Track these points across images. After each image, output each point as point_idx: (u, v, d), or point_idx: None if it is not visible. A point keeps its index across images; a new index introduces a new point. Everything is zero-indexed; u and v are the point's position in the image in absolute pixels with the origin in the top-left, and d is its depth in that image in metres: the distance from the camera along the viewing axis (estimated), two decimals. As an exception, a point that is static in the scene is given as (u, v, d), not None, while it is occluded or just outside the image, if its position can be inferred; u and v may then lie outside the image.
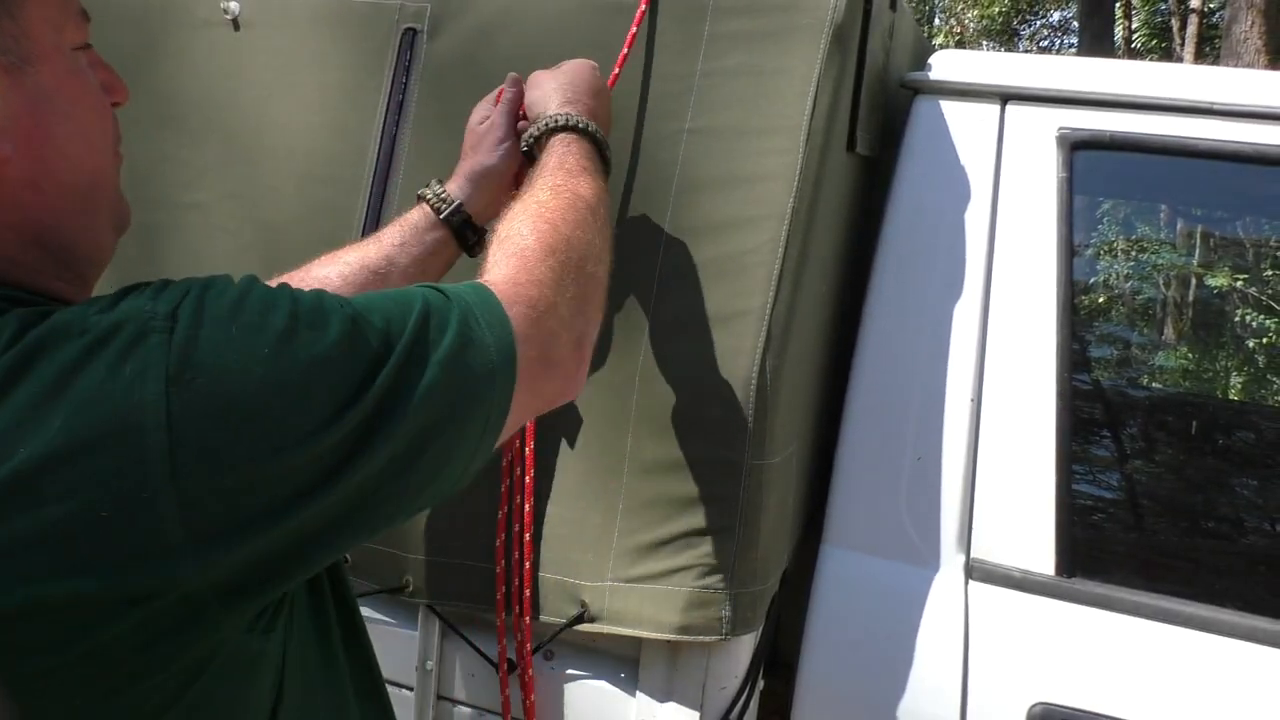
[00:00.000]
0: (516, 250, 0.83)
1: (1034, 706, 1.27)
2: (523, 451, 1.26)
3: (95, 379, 0.55)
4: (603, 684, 1.29)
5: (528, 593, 1.25)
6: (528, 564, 1.25)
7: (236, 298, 0.62)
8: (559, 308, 0.81)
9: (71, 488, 0.54)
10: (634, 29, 1.26)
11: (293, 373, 0.60)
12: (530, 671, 1.26)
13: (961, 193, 1.42)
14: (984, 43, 18.31)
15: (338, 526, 0.63)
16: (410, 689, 1.35)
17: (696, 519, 1.20)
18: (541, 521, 1.27)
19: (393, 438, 0.64)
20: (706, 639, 1.21)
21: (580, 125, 1.04)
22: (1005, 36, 18.41)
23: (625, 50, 1.26)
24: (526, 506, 1.25)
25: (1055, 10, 18.41)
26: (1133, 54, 15.48)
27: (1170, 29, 15.22)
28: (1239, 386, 4.27)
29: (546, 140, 1.04)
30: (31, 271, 0.66)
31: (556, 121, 1.04)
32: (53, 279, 0.67)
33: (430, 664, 1.34)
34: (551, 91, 1.08)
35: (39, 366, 0.56)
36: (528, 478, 1.25)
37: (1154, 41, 15.79)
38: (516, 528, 1.26)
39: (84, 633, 0.55)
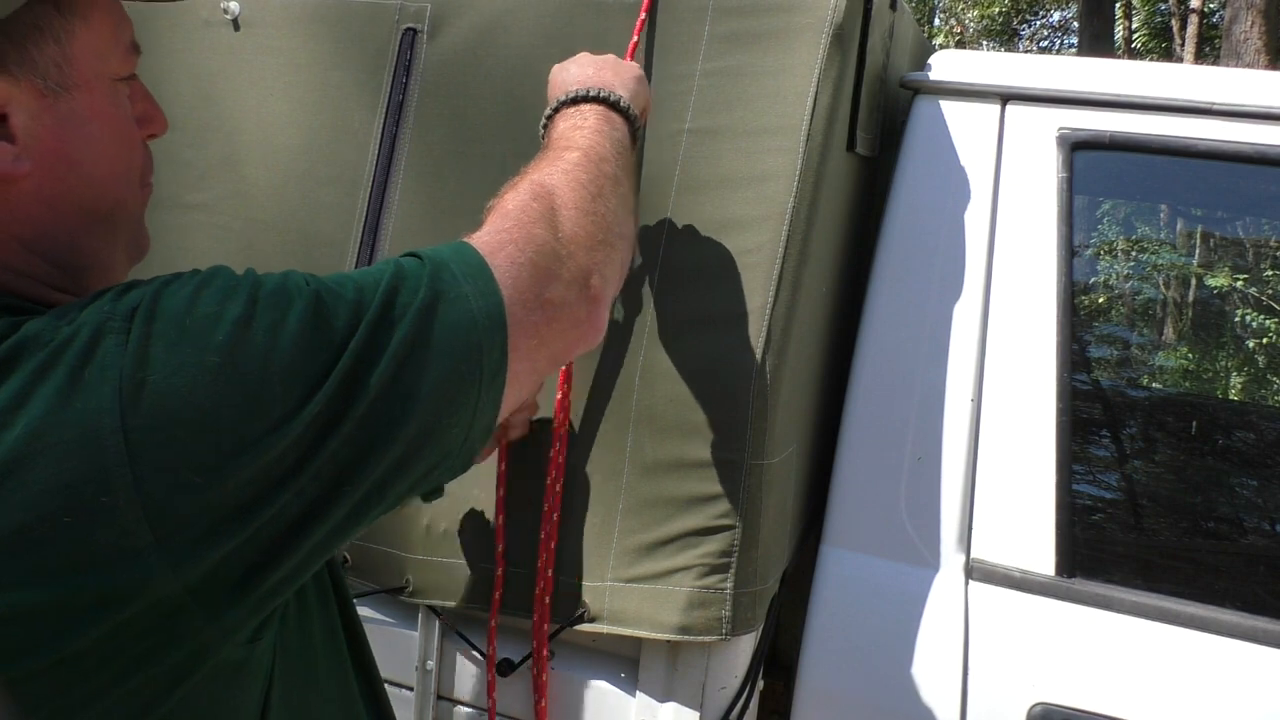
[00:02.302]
0: (498, 210, 0.80)
1: (1034, 707, 1.27)
2: (554, 458, 1.26)
3: (55, 385, 0.55)
4: (603, 684, 1.29)
5: (548, 599, 1.25)
6: (550, 570, 1.25)
7: (194, 290, 0.60)
8: (553, 247, 0.77)
9: (33, 495, 0.54)
10: (639, 28, 1.26)
11: (251, 361, 0.58)
12: (545, 674, 1.26)
13: (961, 193, 1.42)
14: (984, 43, 18.32)
15: (322, 511, 0.61)
16: (410, 689, 1.35)
17: (696, 519, 1.20)
18: (536, 522, 1.27)
19: (364, 409, 0.61)
20: (706, 639, 1.21)
21: (580, 95, 0.99)
22: (1005, 36, 18.41)
23: (635, 38, 1.26)
24: (555, 516, 1.25)
25: (1055, 10, 18.41)
26: (1133, 54, 15.48)
27: (1170, 29, 15.22)
28: (1239, 386, 4.27)
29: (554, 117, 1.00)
30: (38, 283, 0.66)
31: (557, 102, 1.00)
32: (59, 293, 0.67)
33: (430, 664, 1.34)
34: (561, 81, 1.04)
35: (7, 378, 0.56)
36: (558, 486, 1.25)
37: (1154, 41, 15.79)
38: (544, 534, 1.26)
39: (59, 638, 0.55)
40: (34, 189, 0.63)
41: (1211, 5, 13.46)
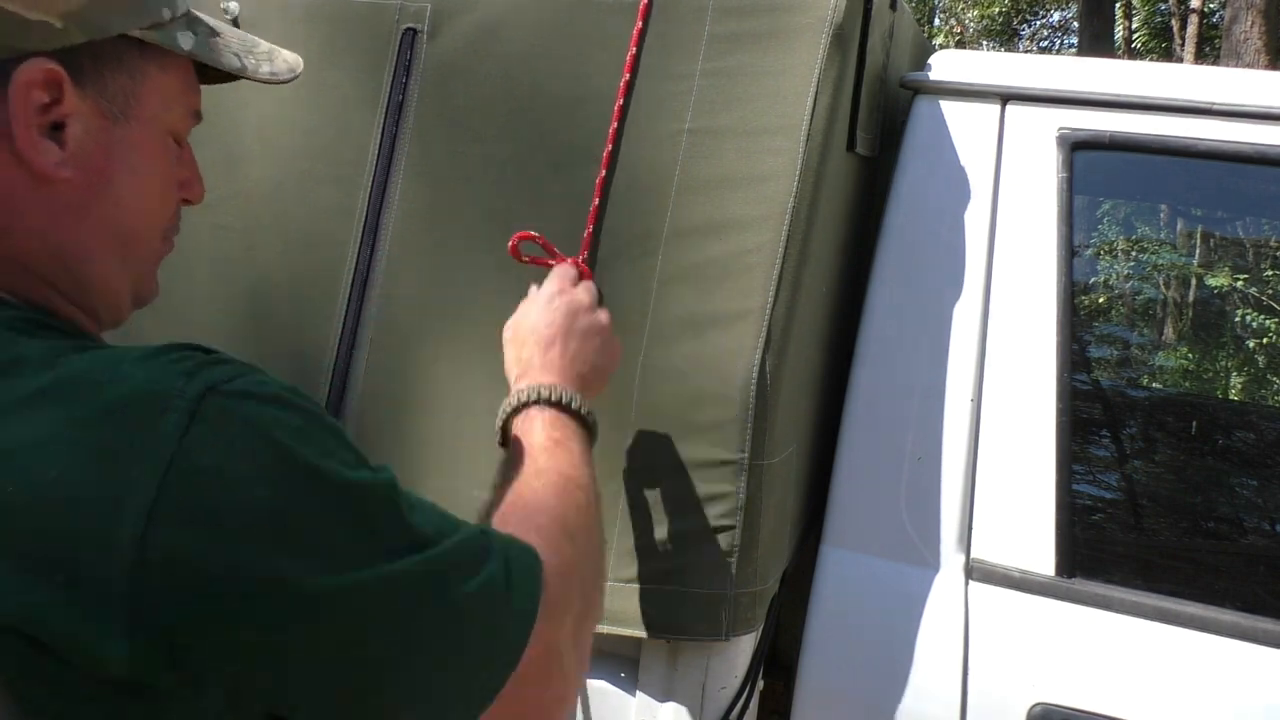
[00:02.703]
0: (548, 545, 0.76)
1: (1034, 707, 1.27)
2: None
3: (102, 442, 0.55)
4: (603, 684, 1.29)
5: None
6: None
7: (278, 412, 0.59)
8: (580, 619, 0.76)
9: (42, 535, 0.54)
10: (638, 31, 1.26)
11: (296, 509, 0.57)
12: None
13: (961, 193, 1.42)
14: (984, 43, 18.31)
15: (289, 687, 0.59)
16: (410, 689, 1.35)
17: (696, 519, 1.20)
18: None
19: (371, 636, 0.59)
20: (706, 639, 1.21)
21: (549, 398, 0.95)
22: (1005, 36, 18.41)
23: (633, 50, 1.26)
24: None
25: (1055, 10, 18.41)
26: (1133, 54, 15.48)
27: (1170, 29, 15.22)
28: (1239, 386, 4.28)
29: (516, 417, 0.96)
30: (48, 288, 0.67)
31: (523, 398, 0.96)
32: (61, 300, 0.68)
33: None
34: (523, 359, 1.01)
35: (61, 406, 0.56)
36: None
37: (1154, 41, 15.78)
38: None
39: (25, 667, 0.55)
40: (69, 195, 0.66)
41: (1211, 5, 13.46)
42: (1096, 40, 9.64)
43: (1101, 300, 4.36)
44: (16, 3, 0.60)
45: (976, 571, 1.34)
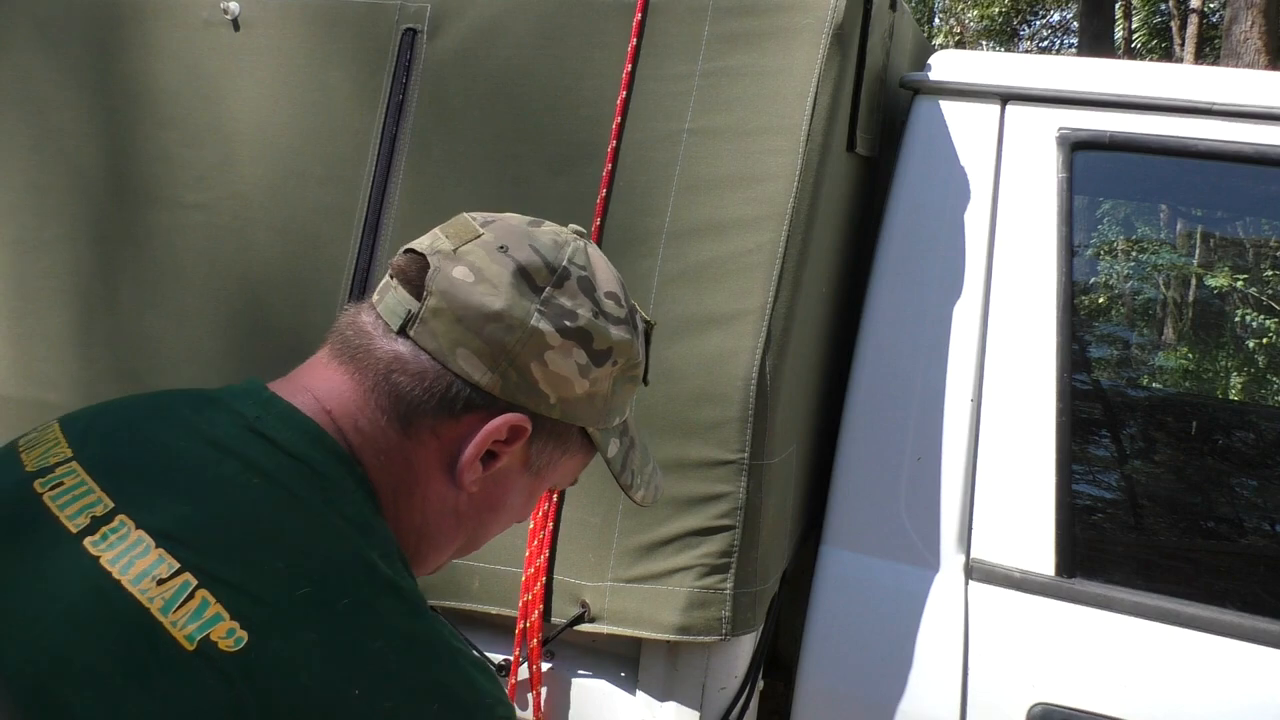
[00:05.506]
0: None
1: (1034, 707, 1.27)
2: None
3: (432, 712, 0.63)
4: (603, 684, 1.29)
5: (539, 587, 1.25)
6: (543, 560, 1.25)
7: None
8: None
9: None
10: (635, 30, 1.26)
11: None
12: (536, 666, 1.26)
13: (961, 193, 1.42)
14: (984, 43, 18.30)
15: None
16: (410, 689, 1.35)
17: (696, 519, 1.20)
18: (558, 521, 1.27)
19: None
20: (706, 639, 1.21)
21: None
22: (1005, 36, 18.41)
23: (633, 42, 1.26)
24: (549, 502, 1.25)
25: (1055, 10, 18.41)
26: (1133, 54, 15.48)
27: (1170, 29, 15.22)
28: (1239, 386, 4.27)
29: None
30: (395, 477, 0.75)
31: None
32: (391, 496, 0.76)
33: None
34: None
35: (414, 664, 0.63)
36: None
37: (1154, 41, 15.79)
38: (549, 526, 1.26)
39: None
40: (461, 502, 0.78)
41: (1211, 5, 13.46)
42: (1096, 40, 9.64)
43: (1101, 300, 4.35)
44: (545, 380, 0.75)
45: (976, 571, 1.34)
